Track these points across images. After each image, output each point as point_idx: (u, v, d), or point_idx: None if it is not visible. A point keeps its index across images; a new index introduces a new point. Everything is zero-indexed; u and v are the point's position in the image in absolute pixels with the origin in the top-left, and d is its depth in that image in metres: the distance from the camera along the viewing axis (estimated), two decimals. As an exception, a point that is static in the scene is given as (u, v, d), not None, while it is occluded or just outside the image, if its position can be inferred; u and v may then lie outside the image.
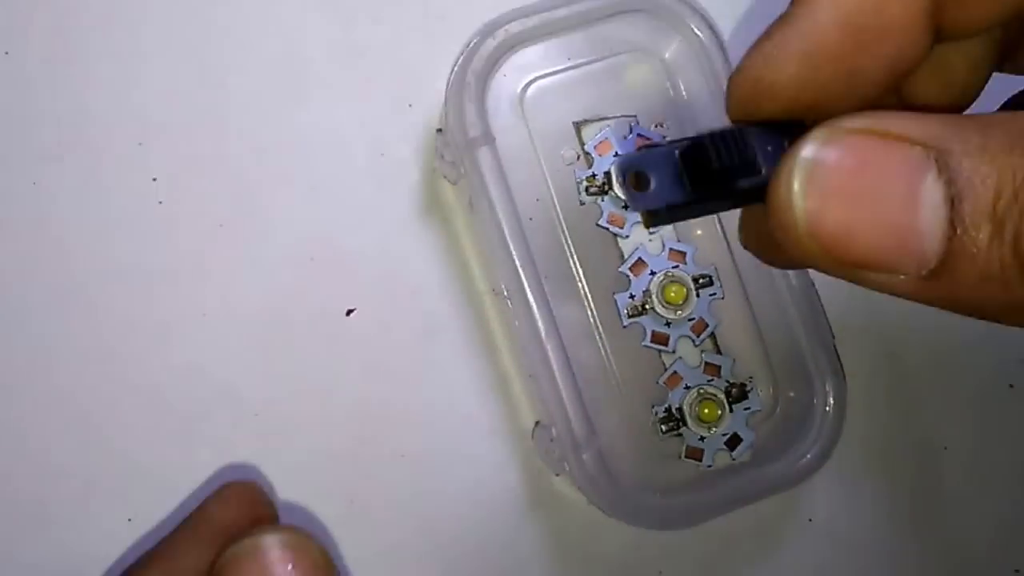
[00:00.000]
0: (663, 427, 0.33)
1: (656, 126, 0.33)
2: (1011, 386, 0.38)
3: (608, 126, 0.33)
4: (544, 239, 0.32)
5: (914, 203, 0.19)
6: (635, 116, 0.33)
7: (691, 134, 0.22)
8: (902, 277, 0.20)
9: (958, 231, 0.19)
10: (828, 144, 0.20)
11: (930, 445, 0.37)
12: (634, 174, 0.21)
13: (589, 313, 0.33)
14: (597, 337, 0.33)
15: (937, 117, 0.20)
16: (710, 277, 0.33)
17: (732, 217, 0.33)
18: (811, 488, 0.35)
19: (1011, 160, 0.19)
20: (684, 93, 0.33)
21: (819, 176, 0.20)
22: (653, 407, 0.33)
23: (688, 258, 0.33)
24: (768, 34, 0.21)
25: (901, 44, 0.21)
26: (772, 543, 0.36)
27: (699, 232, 0.34)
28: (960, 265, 0.19)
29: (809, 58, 0.21)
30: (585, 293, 0.33)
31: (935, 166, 0.19)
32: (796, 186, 0.20)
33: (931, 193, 0.19)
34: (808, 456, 0.32)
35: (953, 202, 0.19)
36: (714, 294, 0.33)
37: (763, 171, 0.21)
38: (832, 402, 0.33)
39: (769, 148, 0.21)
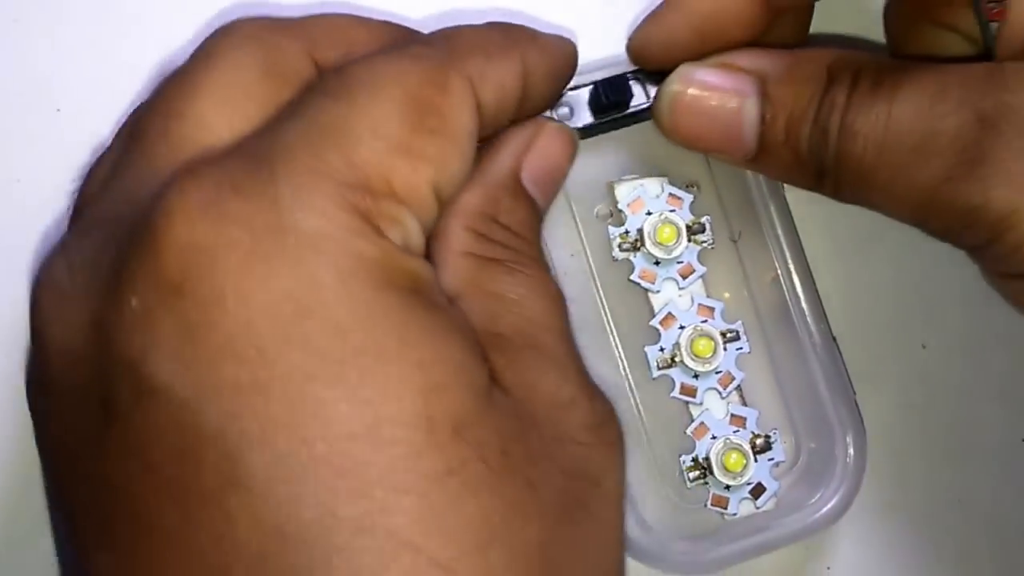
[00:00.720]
0: (690, 476, 0.34)
1: (688, 186, 0.34)
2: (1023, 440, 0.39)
3: (641, 185, 0.34)
4: (578, 292, 0.34)
5: (739, 114, 0.30)
6: (667, 176, 0.34)
7: (718, 198, 0.35)
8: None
9: (766, 136, 0.29)
10: (679, 79, 0.30)
11: (945, 498, 0.38)
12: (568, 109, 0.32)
13: (621, 365, 0.34)
14: (628, 388, 0.34)
15: (768, 53, 0.30)
16: (737, 332, 0.34)
17: (759, 276, 0.34)
18: (832, 536, 0.36)
19: (804, 88, 0.29)
20: (715, 160, 0.34)
21: (674, 99, 0.30)
22: (680, 456, 0.34)
23: (716, 313, 0.34)
24: (649, 19, 0.31)
25: (742, 32, 0.30)
26: None
27: (727, 295, 0.35)
28: (768, 156, 0.30)
29: (671, 39, 0.31)
30: (616, 345, 0.34)
31: (756, 88, 0.29)
32: (663, 107, 0.31)
33: (750, 108, 0.29)
34: (830, 505, 0.34)
35: (763, 116, 0.29)
36: (740, 348, 0.34)
37: (644, 100, 0.32)
38: (852, 453, 0.34)
39: (650, 84, 0.32)
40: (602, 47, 0.33)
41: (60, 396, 0.23)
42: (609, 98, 0.32)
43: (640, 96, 0.32)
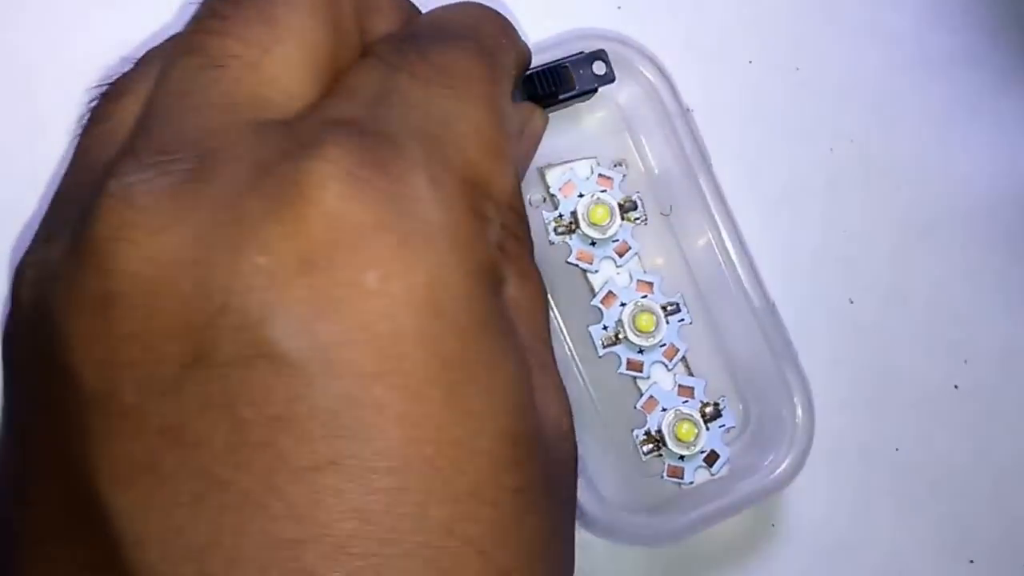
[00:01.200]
0: (644, 449, 0.34)
1: (616, 165, 0.35)
2: (956, 387, 0.40)
3: (571, 169, 0.34)
4: (518, 279, 0.34)
5: None
6: (595, 158, 0.35)
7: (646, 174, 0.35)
8: None
9: None
10: None
11: (882, 448, 0.39)
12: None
13: (566, 346, 0.34)
14: (575, 368, 0.34)
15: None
16: (677, 304, 0.35)
17: (693, 248, 0.35)
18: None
19: None
20: (640, 133, 0.35)
21: None
22: (633, 431, 0.34)
23: (655, 288, 0.35)
24: None
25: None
26: (746, 552, 0.38)
27: (660, 261, 0.36)
28: None
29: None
30: (561, 327, 0.35)
31: None
32: None
33: None
34: (783, 466, 0.34)
35: None
36: (682, 320, 0.35)
37: (575, 87, 0.32)
38: (800, 413, 0.34)
39: (582, 71, 0.32)
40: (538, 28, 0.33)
41: (120, 321, 0.21)
42: (545, 88, 0.32)
43: (572, 83, 0.32)
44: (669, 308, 0.35)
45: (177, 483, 0.21)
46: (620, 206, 0.34)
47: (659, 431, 0.34)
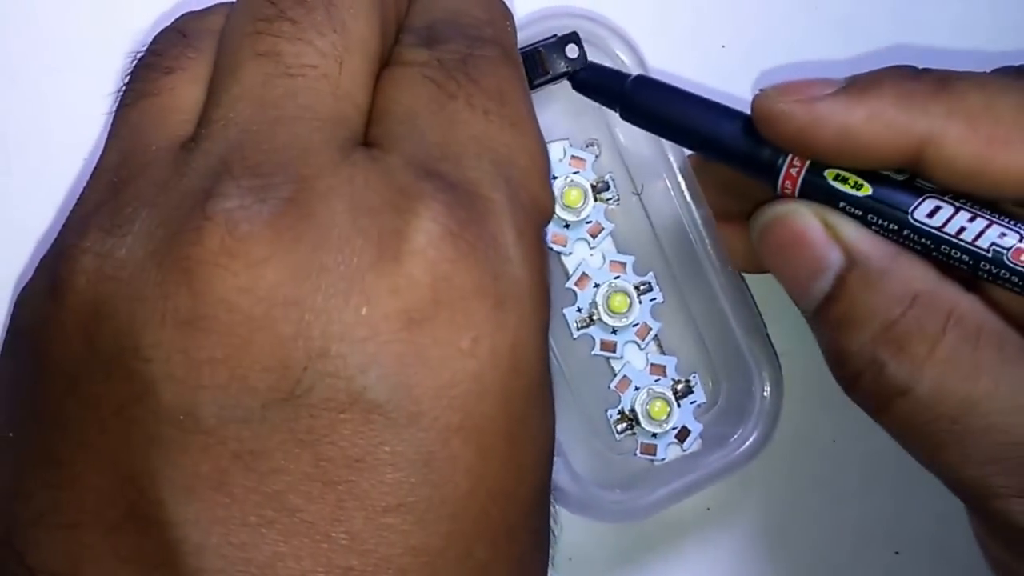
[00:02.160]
0: (618, 428, 0.35)
1: (588, 146, 0.35)
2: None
3: (543, 150, 0.34)
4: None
5: (813, 278, 0.30)
6: (567, 139, 0.35)
7: (619, 154, 0.36)
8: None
9: (825, 313, 0.30)
10: (785, 211, 0.31)
11: (822, 437, 0.40)
12: None
13: (541, 329, 0.35)
14: (552, 351, 0.35)
15: (873, 239, 0.30)
16: (649, 284, 0.35)
17: (667, 226, 0.35)
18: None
19: (877, 304, 0.29)
20: (613, 115, 0.35)
21: (769, 224, 0.31)
22: (607, 410, 0.35)
23: (628, 268, 0.35)
24: (816, 99, 0.29)
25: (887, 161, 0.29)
26: (682, 534, 0.39)
27: (632, 240, 0.36)
28: (820, 328, 0.31)
29: (810, 131, 0.29)
30: (534, 309, 0.35)
31: (840, 265, 0.30)
32: (760, 221, 0.31)
33: (823, 284, 0.30)
34: (751, 440, 0.35)
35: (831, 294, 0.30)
36: (655, 299, 0.35)
37: (549, 71, 0.32)
38: (768, 388, 0.35)
39: (555, 55, 0.32)
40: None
41: (208, 346, 0.22)
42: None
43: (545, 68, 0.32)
44: (642, 288, 0.35)
45: (246, 505, 0.22)
46: (593, 187, 0.34)
47: (632, 410, 0.35)
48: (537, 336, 0.24)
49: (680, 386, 0.35)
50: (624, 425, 0.35)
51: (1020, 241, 0.29)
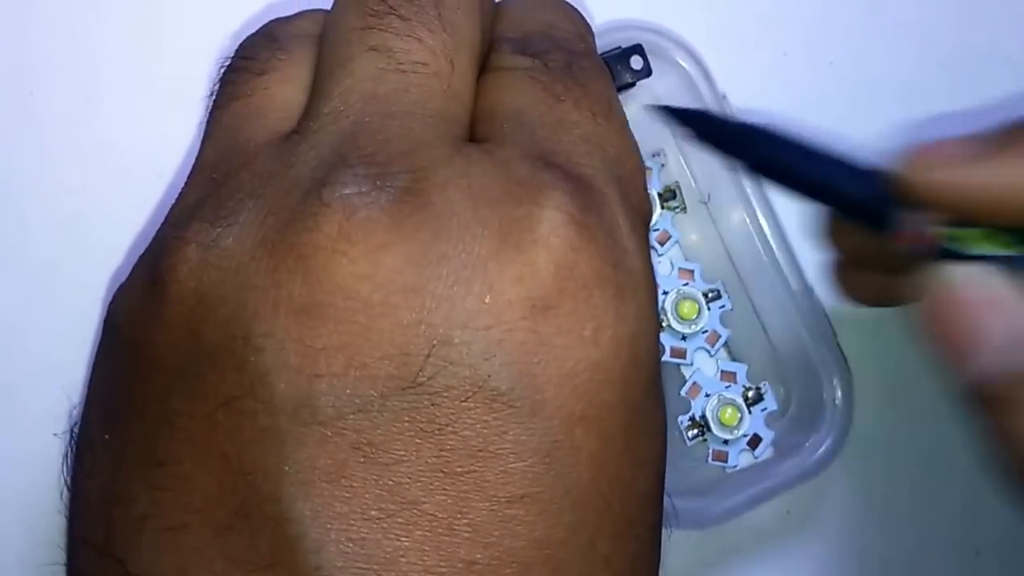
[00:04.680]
0: (689, 435, 0.35)
1: (654, 155, 0.35)
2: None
3: (611, 159, 0.35)
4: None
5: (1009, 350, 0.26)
6: (634, 148, 0.35)
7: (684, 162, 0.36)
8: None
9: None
10: (974, 286, 0.26)
11: (900, 438, 0.39)
12: None
13: (611, 336, 0.35)
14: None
15: None
16: (718, 291, 0.35)
17: (732, 234, 0.35)
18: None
19: None
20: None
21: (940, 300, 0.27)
22: (678, 417, 0.35)
23: (696, 275, 0.35)
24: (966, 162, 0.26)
25: None
26: (763, 538, 0.39)
27: (700, 248, 0.36)
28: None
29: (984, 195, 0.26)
30: (604, 317, 0.35)
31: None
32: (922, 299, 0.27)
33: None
34: (823, 448, 0.35)
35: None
36: (723, 306, 0.35)
37: (614, 82, 0.32)
38: (840, 396, 0.35)
39: (620, 67, 0.32)
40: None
41: (325, 333, 0.21)
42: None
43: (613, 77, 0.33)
44: (710, 295, 0.35)
45: (365, 497, 0.21)
46: (660, 195, 0.35)
47: (703, 416, 0.35)
48: (653, 328, 0.24)
49: (751, 393, 0.35)
50: (695, 432, 0.35)
51: None
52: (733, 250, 0.36)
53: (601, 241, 0.23)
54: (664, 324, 0.35)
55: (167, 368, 0.22)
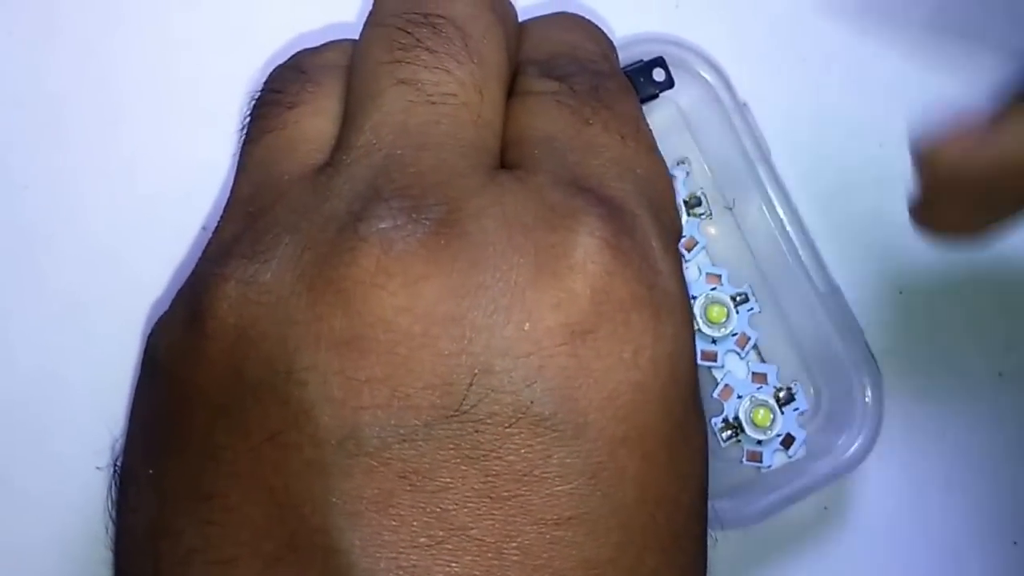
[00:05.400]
0: (723, 436, 0.36)
1: (679, 163, 0.36)
2: (1000, 374, 0.41)
3: (636, 168, 0.36)
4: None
5: None
6: (659, 157, 0.36)
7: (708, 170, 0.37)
8: None
9: None
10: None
11: (931, 432, 0.40)
12: None
13: (642, 340, 0.36)
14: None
15: None
16: (746, 294, 0.36)
17: (758, 237, 0.36)
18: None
19: None
20: (700, 131, 0.36)
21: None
22: (712, 419, 0.35)
23: (724, 279, 0.36)
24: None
25: None
26: (801, 534, 0.39)
27: (726, 253, 0.37)
28: None
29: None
30: (635, 323, 0.36)
31: None
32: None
33: None
34: (856, 445, 0.35)
35: None
36: (751, 309, 0.36)
37: (637, 94, 0.31)
38: (870, 394, 0.36)
39: (643, 79, 0.34)
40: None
41: (368, 366, 0.22)
42: None
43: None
44: (738, 298, 0.36)
45: (414, 525, 0.21)
46: (685, 202, 0.36)
47: (736, 418, 0.35)
48: (689, 346, 0.24)
49: (782, 394, 0.36)
50: (729, 433, 0.35)
51: None
52: (759, 254, 0.37)
53: (636, 264, 0.23)
54: (695, 328, 0.35)
55: (210, 403, 0.23)
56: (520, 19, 0.29)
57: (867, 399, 0.36)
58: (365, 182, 0.24)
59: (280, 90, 0.27)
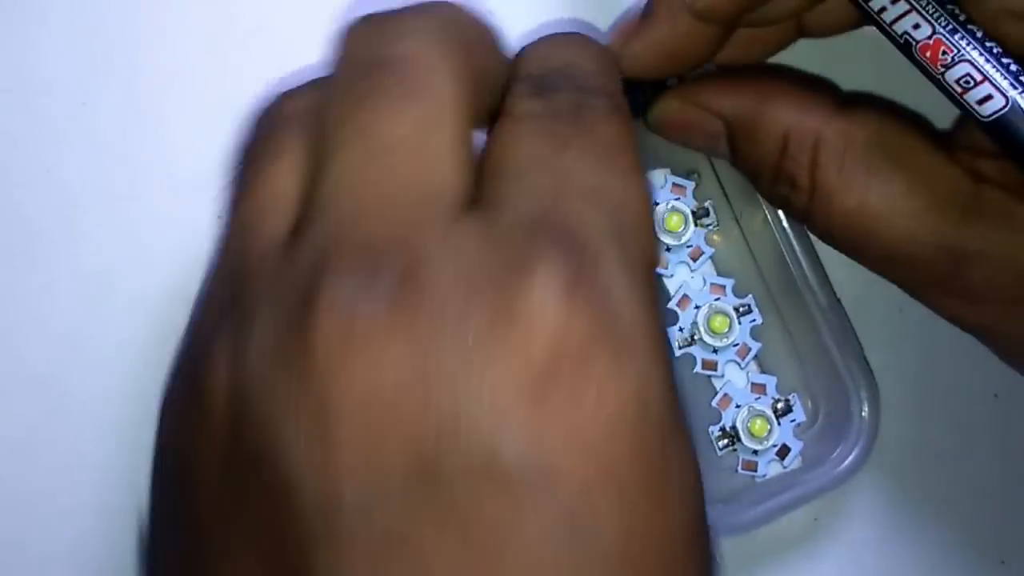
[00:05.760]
0: (720, 444, 0.36)
1: (689, 174, 0.37)
2: (995, 396, 0.41)
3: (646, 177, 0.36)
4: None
5: (715, 147, 0.34)
6: (668, 168, 0.37)
7: (718, 181, 0.38)
8: None
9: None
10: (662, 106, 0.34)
11: (923, 450, 0.40)
12: None
13: (645, 348, 0.36)
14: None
15: (733, 96, 0.33)
16: (749, 305, 0.36)
17: (766, 251, 0.37)
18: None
19: (764, 149, 0.33)
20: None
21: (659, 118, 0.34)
22: (709, 427, 0.36)
23: (727, 290, 0.36)
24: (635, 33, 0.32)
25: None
26: (790, 546, 0.40)
27: (731, 264, 0.37)
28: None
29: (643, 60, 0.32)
30: (638, 330, 0.36)
31: (723, 131, 0.33)
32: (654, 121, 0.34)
33: (724, 148, 0.33)
34: (850, 458, 0.36)
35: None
36: (754, 320, 0.36)
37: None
38: (867, 408, 0.36)
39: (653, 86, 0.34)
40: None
41: (340, 432, 0.22)
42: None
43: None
44: (741, 309, 0.36)
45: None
46: (693, 213, 0.36)
47: (734, 427, 0.36)
48: (659, 377, 0.24)
49: (780, 405, 0.36)
50: (725, 442, 0.36)
51: (931, 37, 0.28)
52: (764, 266, 0.37)
53: (595, 303, 0.23)
54: (696, 337, 0.36)
55: (212, 489, 0.23)
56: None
57: (864, 413, 0.36)
58: (322, 249, 0.24)
59: (251, 151, 0.27)
